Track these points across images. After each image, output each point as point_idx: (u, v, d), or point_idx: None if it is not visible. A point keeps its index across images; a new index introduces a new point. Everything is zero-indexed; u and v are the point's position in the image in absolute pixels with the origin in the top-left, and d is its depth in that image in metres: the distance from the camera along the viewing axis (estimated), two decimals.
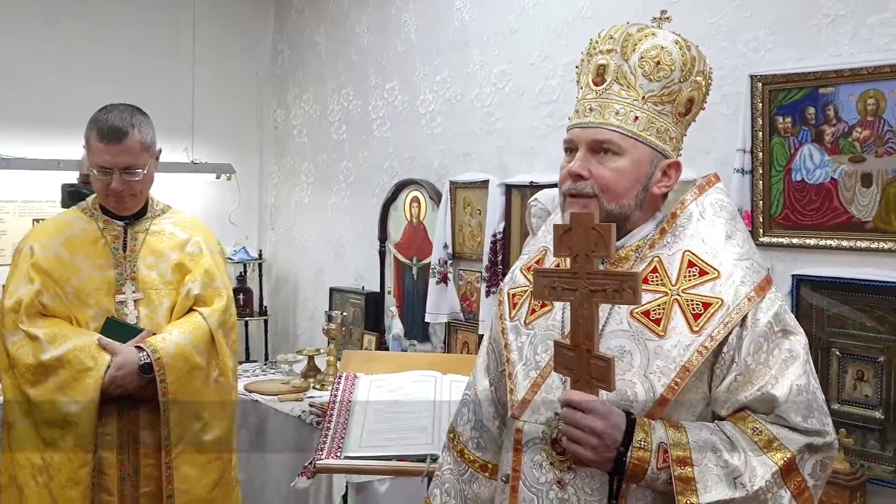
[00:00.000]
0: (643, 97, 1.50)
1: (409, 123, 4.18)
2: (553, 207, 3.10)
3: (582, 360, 1.36)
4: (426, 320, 3.89)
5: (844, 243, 2.53)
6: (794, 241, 2.63)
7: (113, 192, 2.45)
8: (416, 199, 4.12)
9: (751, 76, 2.69)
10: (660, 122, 1.51)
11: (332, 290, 4.61)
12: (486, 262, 3.58)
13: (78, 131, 2.53)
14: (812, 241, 2.60)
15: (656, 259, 1.50)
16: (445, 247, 3.82)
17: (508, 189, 3.55)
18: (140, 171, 2.45)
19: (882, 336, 2.42)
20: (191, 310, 2.54)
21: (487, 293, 3.56)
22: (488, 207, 3.60)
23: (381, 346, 4.21)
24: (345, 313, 4.14)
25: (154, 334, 2.45)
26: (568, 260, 1.56)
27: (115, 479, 2.43)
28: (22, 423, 2.41)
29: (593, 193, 1.49)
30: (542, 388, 1.51)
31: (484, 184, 3.65)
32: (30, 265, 2.45)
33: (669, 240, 1.51)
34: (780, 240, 2.67)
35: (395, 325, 4.04)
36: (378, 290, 4.33)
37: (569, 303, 1.45)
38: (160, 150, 2.55)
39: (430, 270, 3.87)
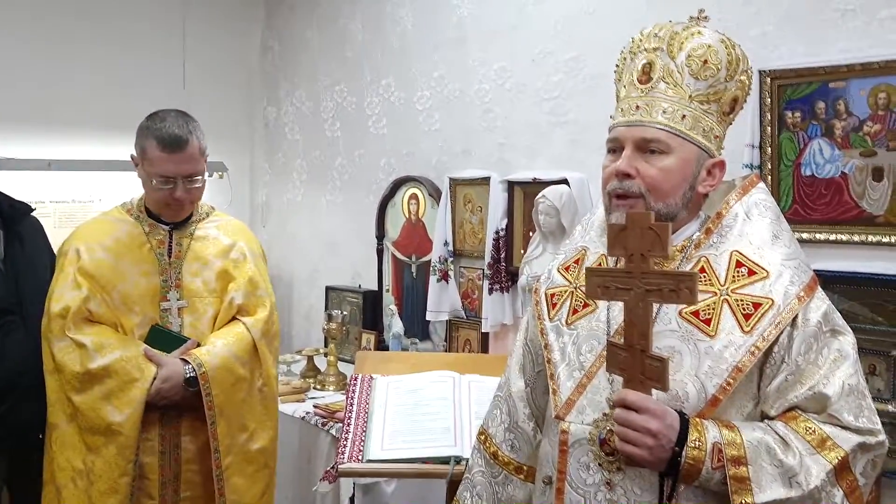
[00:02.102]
0: (690, 96, 1.49)
1: (407, 120, 4.15)
2: (561, 204, 3.12)
3: (636, 360, 1.35)
4: (427, 318, 3.86)
5: (855, 238, 2.54)
6: (805, 235, 2.63)
7: (176, 200, 2.44)
8: (414, 197, 4.08)
9: (759, 71, 2.68)
10: (705, 121, 1.50)
11: (328, 289, 4.56)
12: (488, 259, 3.56)
13: (68, 131, 2.46)
14: (822, 236, 2.61)
15: (703, 259, 1.49)
16: (446, 244, 3.79)
17: (511, 186, 3.53)
18: (200, 177, 2.47)
19: (894, 330, 2.42)
20: (234, 318, 2.55)
21: (490, 290, 3.54)
22: (490, 204, 3.57)
23: (380, 344, 4.18)
24: (344, 312, 4.10)
25: (199, 345, 2.46)
26: (611, 260, 1.55)
27: (156, 485, 2.44)
28: (66, 427, 2.39)
29: (640, 193, 1.48)
30: (588, 388, 1.50)
31: (485, 180, 3.63)
32: (76, 269, 2.42)
33: (716, 240, 1.51)
34: None
35: (394, 324, 4.00)
36: (376, 288, 4.29)
37: (617, 302, 1.44)
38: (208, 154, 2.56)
39: (431, 268, 3.84)
